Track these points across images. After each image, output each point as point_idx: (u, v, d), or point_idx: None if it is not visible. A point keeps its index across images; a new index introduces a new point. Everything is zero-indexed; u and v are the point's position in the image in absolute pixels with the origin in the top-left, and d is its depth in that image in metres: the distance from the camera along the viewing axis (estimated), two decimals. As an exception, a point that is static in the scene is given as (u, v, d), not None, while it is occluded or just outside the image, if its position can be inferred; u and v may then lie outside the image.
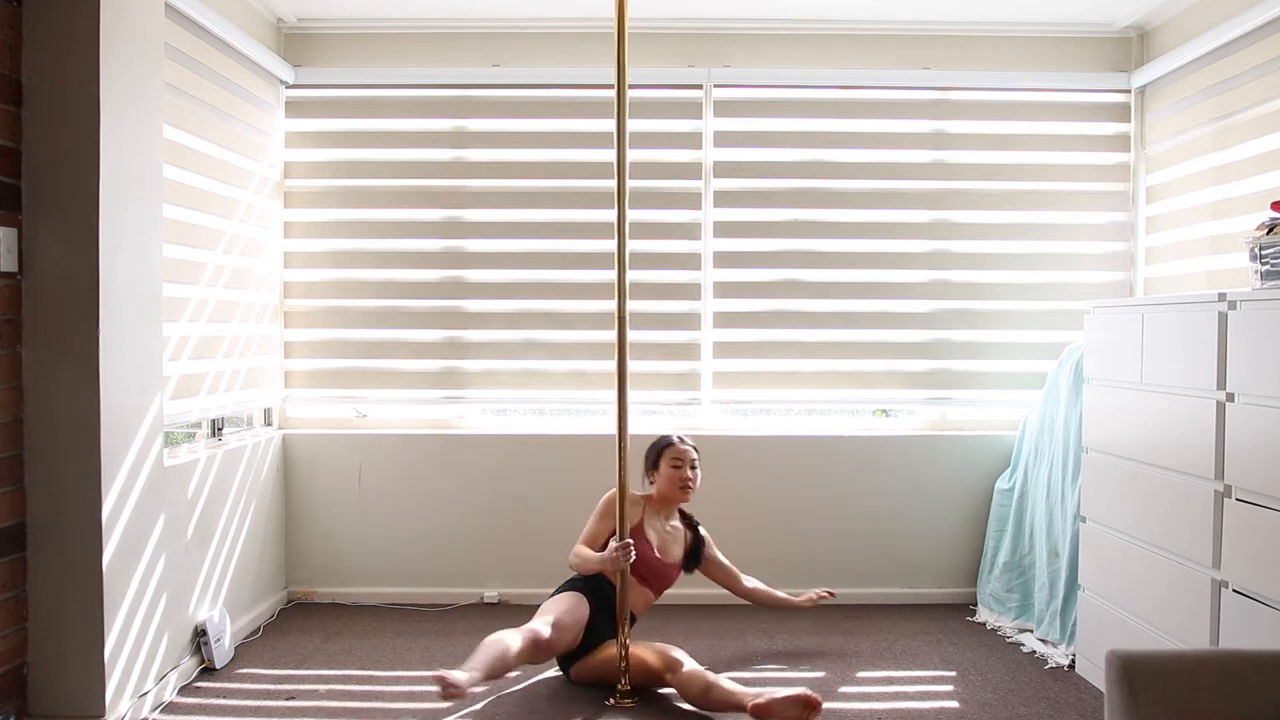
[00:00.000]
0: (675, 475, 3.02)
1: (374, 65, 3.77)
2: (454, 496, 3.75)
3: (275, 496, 3.66)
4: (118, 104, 2.49)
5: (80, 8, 2.40)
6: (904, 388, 3.82)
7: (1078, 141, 3.79)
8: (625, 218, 2.66)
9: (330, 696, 2.78)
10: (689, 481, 3.03)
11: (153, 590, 2.70)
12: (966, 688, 2.86)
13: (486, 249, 3.81)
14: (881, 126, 3.79)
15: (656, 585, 3.01)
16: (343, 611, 3.61)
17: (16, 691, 2.42)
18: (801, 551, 3.72)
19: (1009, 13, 3.64)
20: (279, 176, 3.74)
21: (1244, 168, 3.09)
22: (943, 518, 3.74)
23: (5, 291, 2.38)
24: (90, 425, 2.43)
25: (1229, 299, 2.31)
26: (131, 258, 2.57)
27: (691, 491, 3.04)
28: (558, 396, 3.82)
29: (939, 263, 3.80)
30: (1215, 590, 2.34)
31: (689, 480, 3.03)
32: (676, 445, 3.06)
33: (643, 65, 3.61)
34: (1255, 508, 2.18)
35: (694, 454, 3.07)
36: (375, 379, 3.82)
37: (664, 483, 3.04)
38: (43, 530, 2.44)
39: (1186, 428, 2.46)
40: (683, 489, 3.02)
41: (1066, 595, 3.14)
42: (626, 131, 2.65)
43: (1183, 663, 1.63)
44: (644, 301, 3.73)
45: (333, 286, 3.81)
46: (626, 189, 2.65)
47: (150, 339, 2.69)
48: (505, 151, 3.79)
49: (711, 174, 3.77)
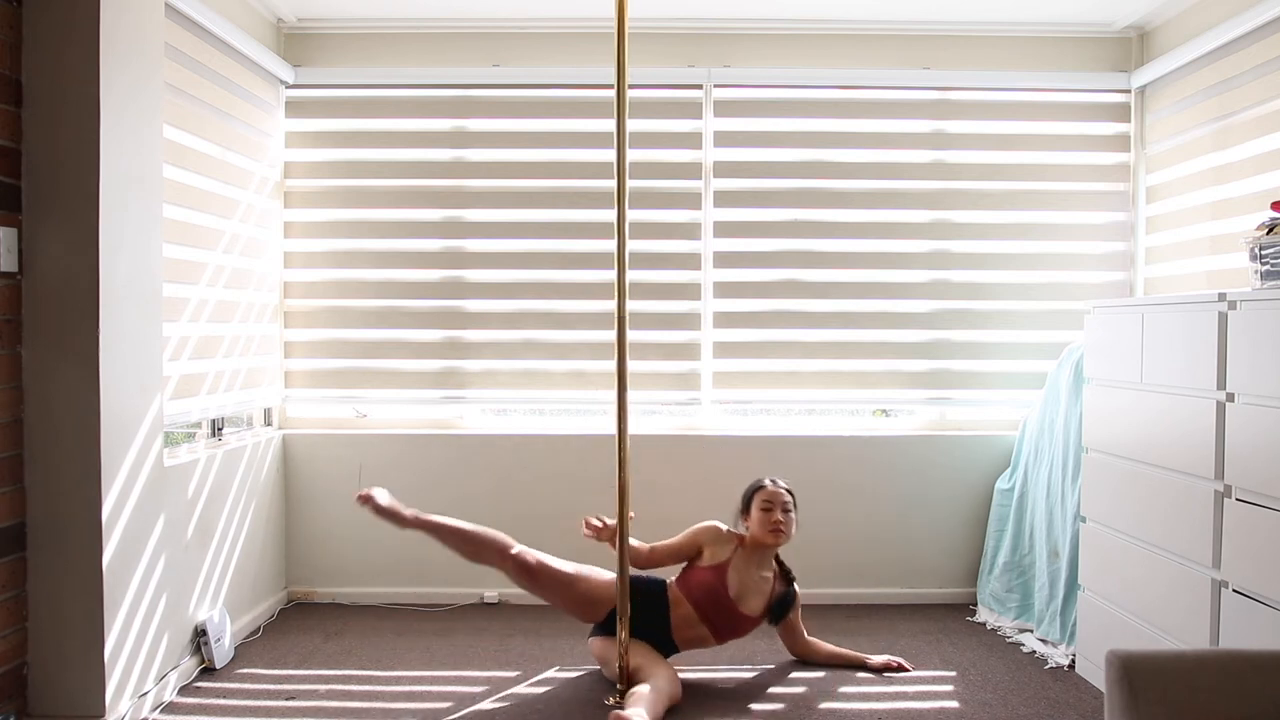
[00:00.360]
0: (765, 518, 2.89)
1: (374, 65, 3.77)
2: (454, 497, 3.74)
3: (275, 496, 3.66)
4: (118, 104, 2.49)
5: (80, 8, 2.40)
6: (904, 388, 3.82)
7: (1078, 141, 3.79)
8: (625, 218, 2.66)
9: (330, 696, 2.78)
10: (780, 525, 2.88)
11: (153, 590, 2.70)
12: (966, 688, 2.86)
13: (486, 249, 3.81)
14: (881, 126, 3.78)
15: (722, 631, 2.88)
16: (343, 611, 3.61)
17: (16, 691, 2.42)
18: (801, 551, 3.70)
19: (1009, 13, 3.64)
20: (279, 176, 3.74)
21: (1244, 168, 3.09)
22: (943, 518, 3.74)
23: (5, 291, 2.38)
24: (90, 425, 2.43)
25: (1229, 299, 2.31)
26: (131, 258, 2.57)
27: (784, 536, 2.90)
28: (558, 396, 3.82)
29: (939, 263, 3.80)
30: (1215, 590, 2.34)
31: (780, 523, 2.88)
32: (767, 488, 2.96)
33: (643, 65, 3.61)
34: (1255, 508, 2.18)
35: (786, 496, 2.95)
36: (375, 379, 3.82)
37: (755, 526, 2.91)
38: (43, 530, 2.44)
39: (1186, 428, 2.46)
40: (773, 532, 2.88)
41: (1066, 595, 3.14)
42: (626, 131, 2.65)
43: (1183, 663, 1.63)
44: (644, 301, 3.73)
45: (333, 286, 3.81)
46: (626, 189, 2.65)
47: (150, 339, 2.69)
48: (505, 151, 3.79)
49: (711, 174, 3.77)
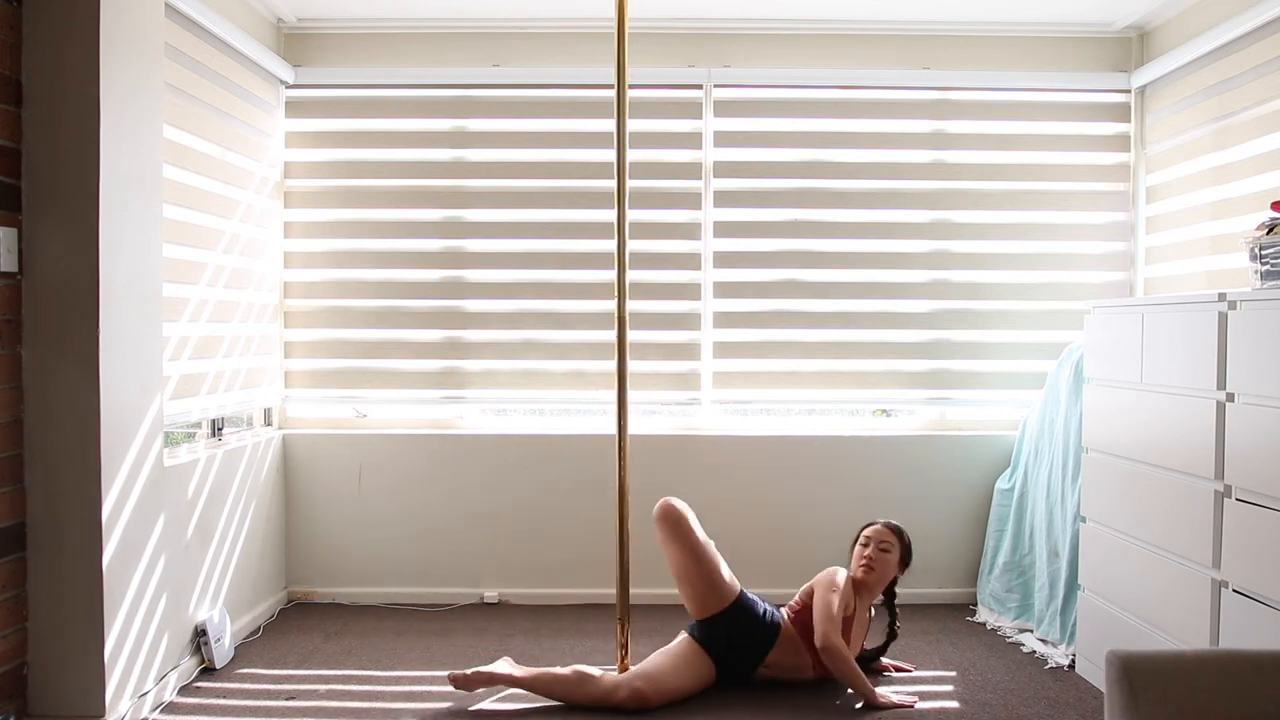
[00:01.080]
0: (859, 553, 2.95)
1: (374, 65, 3.77)
2: (454, 496, 3.75)
3: (275, 496, 3.66)
4: (118, 104, 2.49)
5: (80, 8, 2.40)
6: (904, 388, 3.82)
7: (1078, 141, 3.79)
8: (625, 218, 2.66)
9: (330, 696, 2.78)
10: (869, 561, 2.90)
11: (153, 590, 2.70)
12: (966, 688, 2.86)
13: (486, 249, 3.81)
14: (881, 126, 3.78)
15: (820, 665, 2.80)
16: (343, 611, 3.61)
17: (16, 691, 2.42)
18: (801, 551, 3.71)
19: (1009, 13, 3.64)
20: (279, 176, 3.74)
21: (1244, 168, 3.09)
22: (943, 518, 3.74)
23: (5, 291, 2.38)
24: (90, 425, 2.43)
25: (1229, 299, 2.31)
26: (131, 258, 2.57)
27: (871, 572, 2.89)
28: (558, 396, 3.82)
29: (939, 263, 3.80)
30: (1215, 590, 2.34)
31: (869, 559, 2.90)
32: (871, 526, 2.99)
33: (643, 65, 3.61)
34: (1255, 508, 2.18)
35: (886, 534, 2.94)
36: (375, 379, 3.82)
37: (851, 562, 2.96)
38: (43, 530, 2.44)
39: (1186, 428, 2.46)
40: (863, 568, 2.90)
41: (1066, 595, 3.14)
42: (626, 131, 2.65)
43: (1183, 663, 1.63)
44: (644, 301, 3.73)
45: (333, 286, 3.81)
46: (626, 189, 2.66)
47: (150, 339, 2.69)
48: (505, 151, 3.79)
49: (711, 174, 3.77)
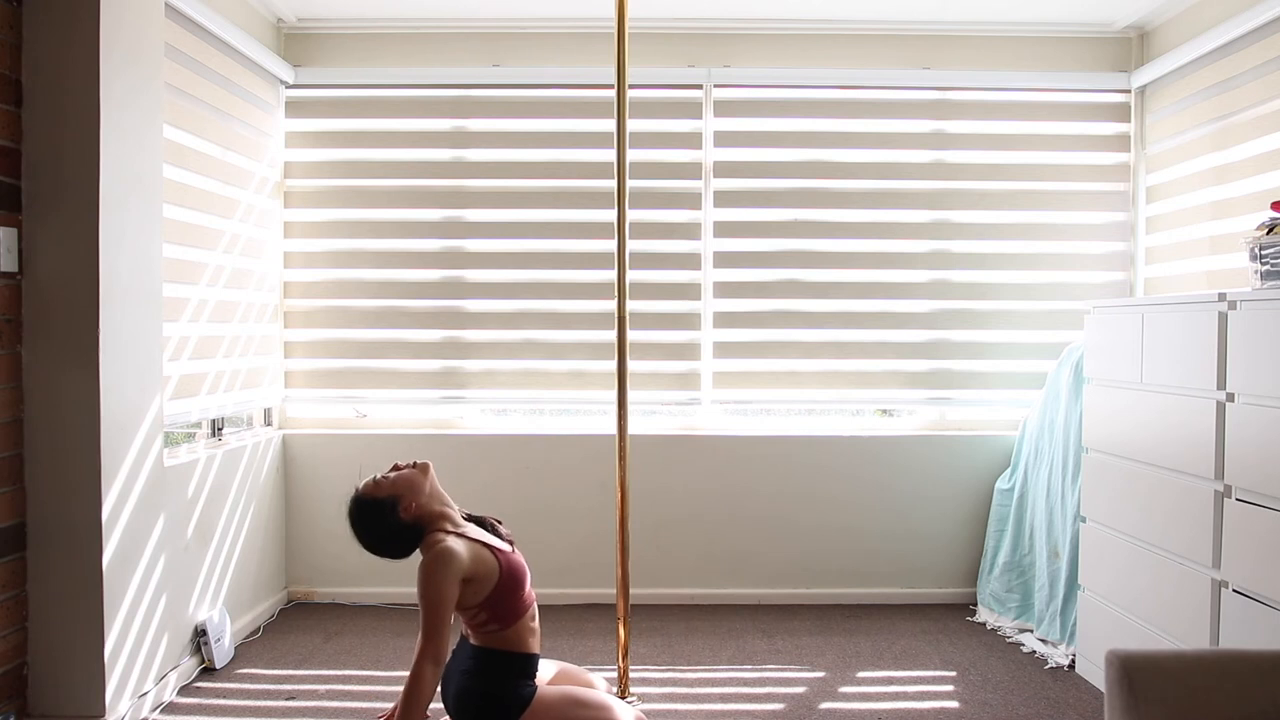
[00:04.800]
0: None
1: (374, 65, 3.77)
2: (453, 496, 3.72)
3: (275, 496, 3.66)
4: (118, 104, 2.49)
5: (80, 8, 2.40)
6: (904, 388, 3.82)
7: (1078, 141, 3.79)
8: (625, 218, 2.66)
9: (330, 696, 2.78)
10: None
11: (153, 590, 2.70)
12: (966, 688, 2.86)
13: (486, 249, 3.81)
14: (881, 126, 3.78)
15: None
16: (343, 611, 3.61)
17: (16, 691, 2.42)
18: (801, 551, 3.72)
19: (1009, 13, 3.64)
20: (279, 176, 3.74)
21: (1244, 168, 3.09)
22: (943, 518, 3.74)
23: (5, 291, 2.38)
24: (90, 425, 2.43)
25: (1229, 299, 2.31)
26: (131, 258, 2.57)
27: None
28: (558, 396, 3.82)
29: (939, 263, 3.80)
30: (1215, 590, 2.34)
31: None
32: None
33: (643, 65, 3.61)
34: (1255, 508, 2.18)
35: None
36: (375, 379, 3.82)
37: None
38: (43, 530, 2.44)
39: (1186, 428, 2.46)
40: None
41: (1066, 595, 3.14)
42: (626, 131, 2.64)
43: (1183, 663, 1.63)
44: (644, 301, 3.73)
45: (333, 286, 3.81)
46: (626, 189, 2.65)
47: (150, 339, 2.69)
48: (505, 151, 3.79)
49: (711, 174, 3.77)
